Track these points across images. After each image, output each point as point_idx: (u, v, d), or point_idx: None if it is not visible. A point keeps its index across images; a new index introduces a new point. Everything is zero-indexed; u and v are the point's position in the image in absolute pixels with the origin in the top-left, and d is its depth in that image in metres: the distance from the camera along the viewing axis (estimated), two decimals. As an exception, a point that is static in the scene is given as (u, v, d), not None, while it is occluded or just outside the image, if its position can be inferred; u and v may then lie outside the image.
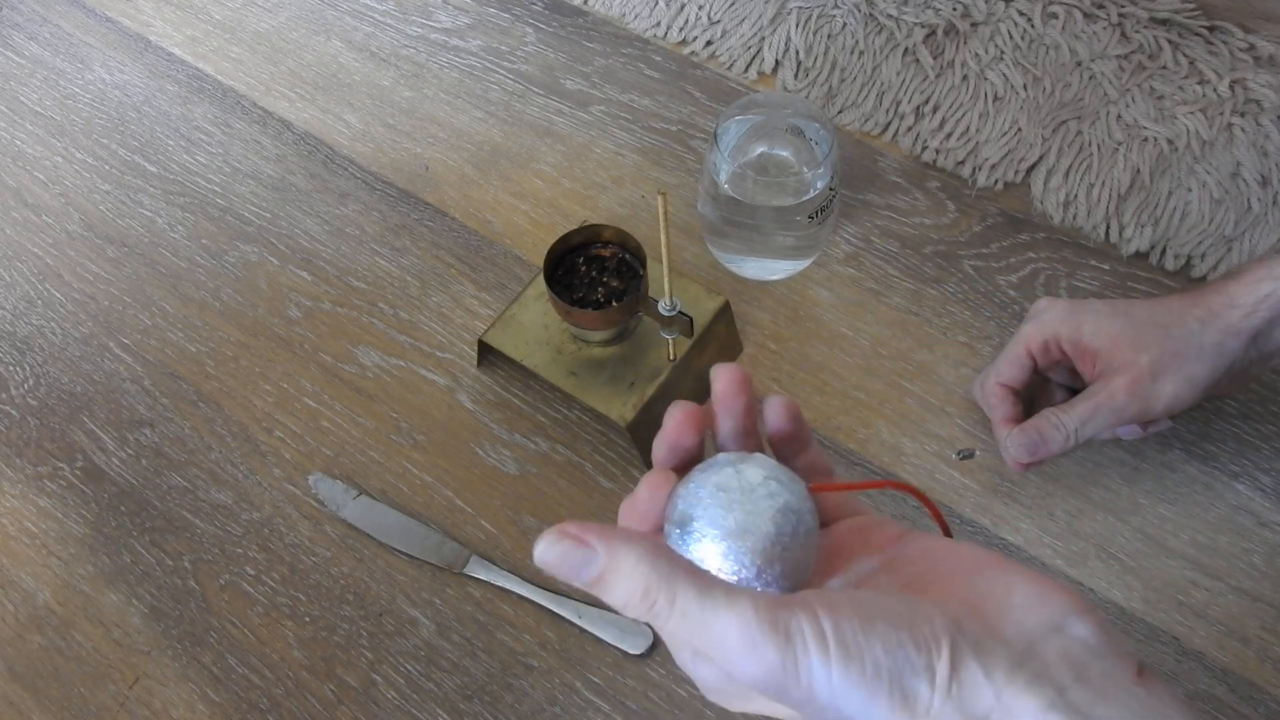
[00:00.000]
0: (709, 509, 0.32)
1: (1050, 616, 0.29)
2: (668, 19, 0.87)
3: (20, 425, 0.70)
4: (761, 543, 0.32)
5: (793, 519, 0.32)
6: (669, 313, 0.59)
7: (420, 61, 0.87)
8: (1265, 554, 0.59)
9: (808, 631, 0.28)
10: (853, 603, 0.29)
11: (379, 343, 0.71)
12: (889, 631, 0.28)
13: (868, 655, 0.28)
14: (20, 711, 0.59)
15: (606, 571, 0.30)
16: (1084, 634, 0.29)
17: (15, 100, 0.88)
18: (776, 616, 0.29)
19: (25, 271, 0.78)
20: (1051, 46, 0.81)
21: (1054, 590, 0.30)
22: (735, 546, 0.31)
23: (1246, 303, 0.53)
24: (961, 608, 0.30)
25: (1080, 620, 0.29)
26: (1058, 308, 0.58)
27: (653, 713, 0.57)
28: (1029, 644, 0.29)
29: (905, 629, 0.28)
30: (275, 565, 0.63)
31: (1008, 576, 0.31)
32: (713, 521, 0.32)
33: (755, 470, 0.33)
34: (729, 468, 0.33)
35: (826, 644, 0.28)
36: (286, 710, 0.58)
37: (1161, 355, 0.54)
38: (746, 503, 0.32)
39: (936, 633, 0.28)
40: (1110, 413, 0.55)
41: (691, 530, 0.32)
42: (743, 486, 0.32)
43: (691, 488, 0.33)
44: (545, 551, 0.30)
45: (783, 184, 0.65)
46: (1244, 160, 0.73)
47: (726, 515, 0.32)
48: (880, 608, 0.29)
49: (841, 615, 0.29)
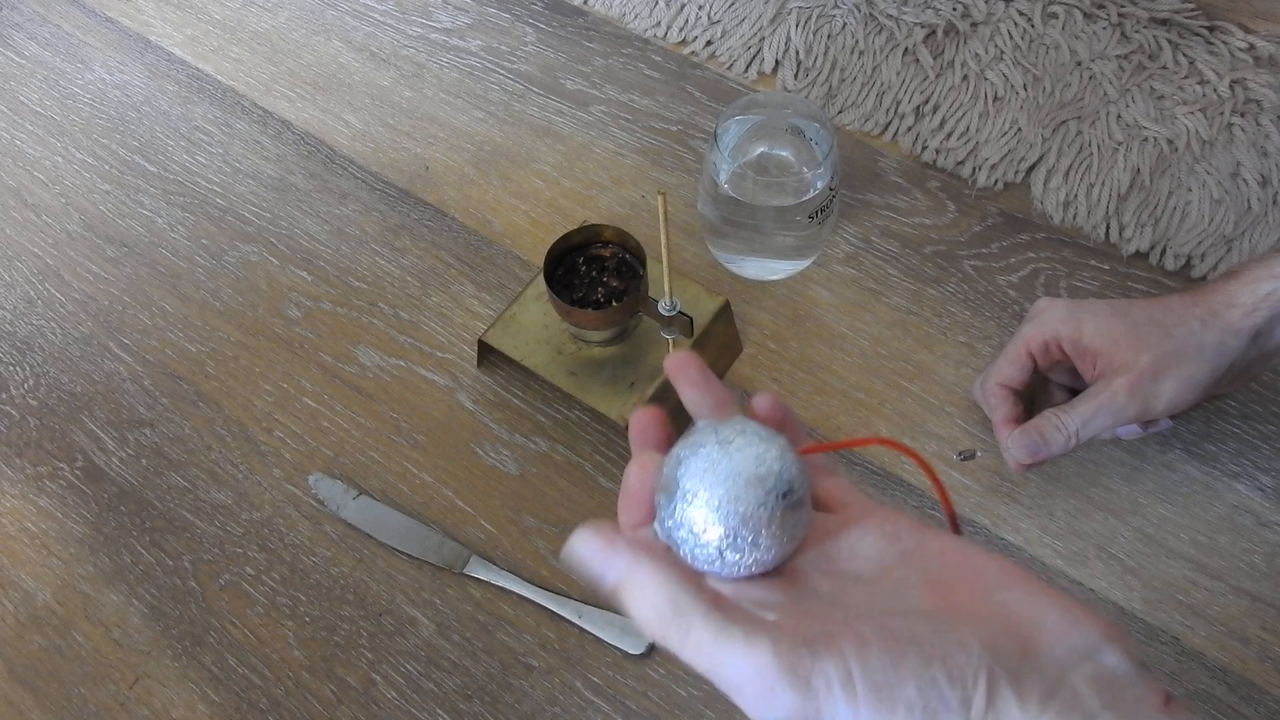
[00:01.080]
0: (692, 472, 0.32)
1: (1082, 643, 0.29)
2: (668, 19, 0.87)
3: (20, 425, 0.70)
4: (748, 500, 0.31)
5: (775, 469, 0.32)
6: (669, 313, 0.59)
7: (420, 61, 0.87)
8: (1265, 554, 0.59)
9: (833, 675, 0.27)
10: (882, 636, 0.28)
11: (379, 343, 0.71)
12: (922, 669, 0.27)
13: (899, 695, 0.27)
14: (20, 711, 0.59)
15: (624, 585, 0.30)
16: (1114, 662, 0.29)
17: (15, 100, 0.88)
18: (798, 659, 0.28)
19: (25, 271, 0.78)
20: (1051, 46, 0.81)
21: (1085, 616, 0.30)
22: (723, 506, 0.31)
23: (1247, 302, 0.53)
24: (996, 629, 0.29)
25: (1111, 648, 0.29)
26: (1058, 308, 0.57)
27: (653, 713, 0.57)
28: (1061, 672, 0.28)
29: (939, 661, 0.28)
30: (275, 565, 0.63)
31: (1037, 597, 0.30)
32: (697, 483, 0.31)
33: (731, 429, 0.33)
34: (709, 430, 0.33)
35: (854, 687, 0.27)
36: (286, 710, 0.58)
37: (1162, 355, 0.54)
38: (727, 460, 0.32)
39: (974, 664, 0.28)
40: (1111, 413, 0.55)
41: (676, 495, 0.32)
42: (721, 442, 0.32)
43: (674, 454, 0.33)
44: (575, 547, 0.31)
45: (783, 184, 0.65)
46: (1244, 160, 0.73)
47: (709, 475, 0.31)
48: (912, 638, 0.28)
49: (870, 653, 0.28)
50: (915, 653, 0.28)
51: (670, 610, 0.29)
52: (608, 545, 0.31)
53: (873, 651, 0.28)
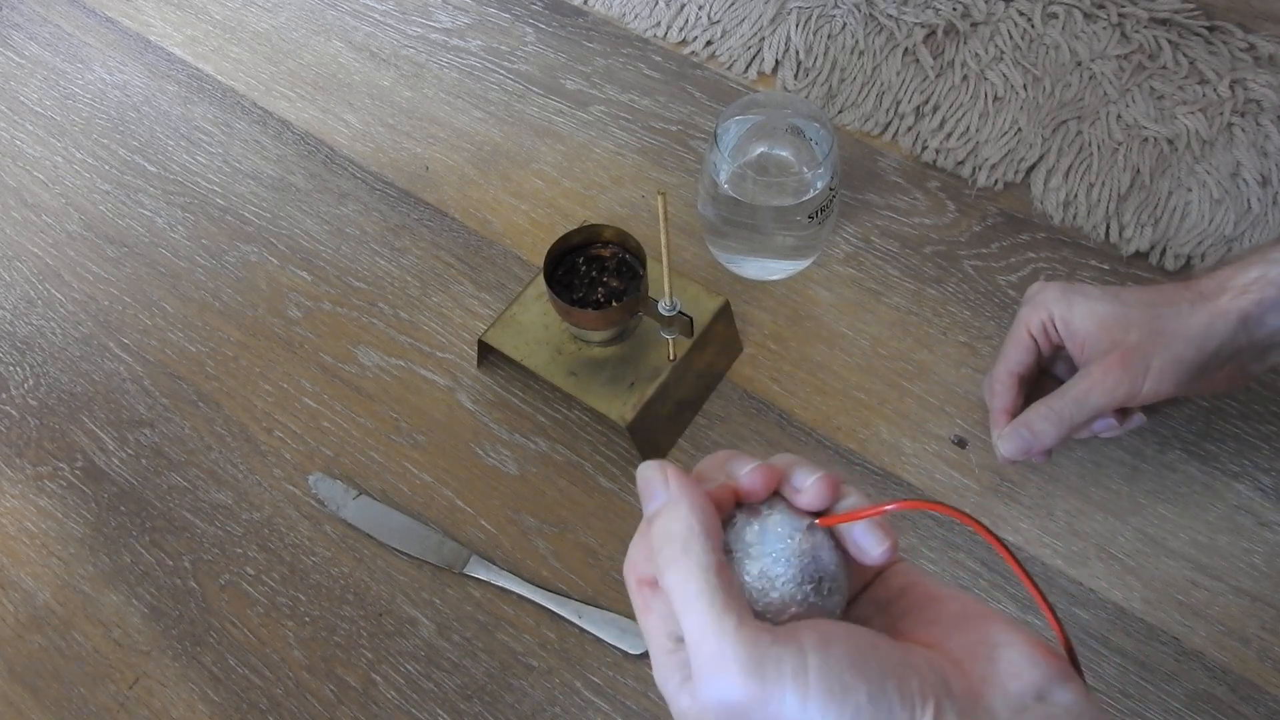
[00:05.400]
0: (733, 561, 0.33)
1: (1034, 682, 0.29)
2: (668, 19, 0.87)
3: (20, 425, 0.70)
4: (780, 593, 0.32)
5: (800, 562, 0.32)
6: (669, 313, 0.59)
7: (420, 61, 0.87)
8: (1265, 554, 0.59)
9: (787, 663, 0.28)
10: (847, 642, 0.29)
11: (379, 343, 0.71)
12: (878, 678, 0.28)
13: (850, 698, 0.28)
14: (20, 711, 0.59)
15: (659, 512, 0.32)
16: (1068, 700, 0.29)
17: (15, 100, 0.88)
18: (758, 640, 0.28)
19: (25, 271, 0.78)
20: (1051, 46, 0.81)
21: (1040, 653, 0.30)
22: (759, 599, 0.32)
23: (1235, 285, 0.53)
24: (948, 665, 0.30)
25: (1063, 687, 0.29)
26: (1051, 289, 0.57)
27: (653, 713, 0.57)
28: (1013, 711, 0.29)
29: (894, 676, 0.28)
30: (275, 565, 0.63)
31: (994, 635, 0.31)
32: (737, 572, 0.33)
33: (765, 523, 0.34)
34: (750, 523, 0.34)
35: (806, 678, 0.28)
36: (286, 710, 0.58)
37: (1149, 334, 0.53)
38: (763, 554, 0.33)
39: (925, 690, 0.28)
40: (1102, 393, 0.54)
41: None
42: (762, 537, 0.33)
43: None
44: (639, 471, 0.33)
45: (783, 184, 0.65)
46: (1244, 160, 0.73)
47: (750, 564, 0.33)
48: (875, 651, 0.29)
49: (831, 651, 0.28)
50: (875, 662, 0.28)
51: (680, 548, 0.31)
52: (663, 477, 0.32)
53: (834, 651, 0.28)
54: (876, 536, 0.33)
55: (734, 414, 0.66)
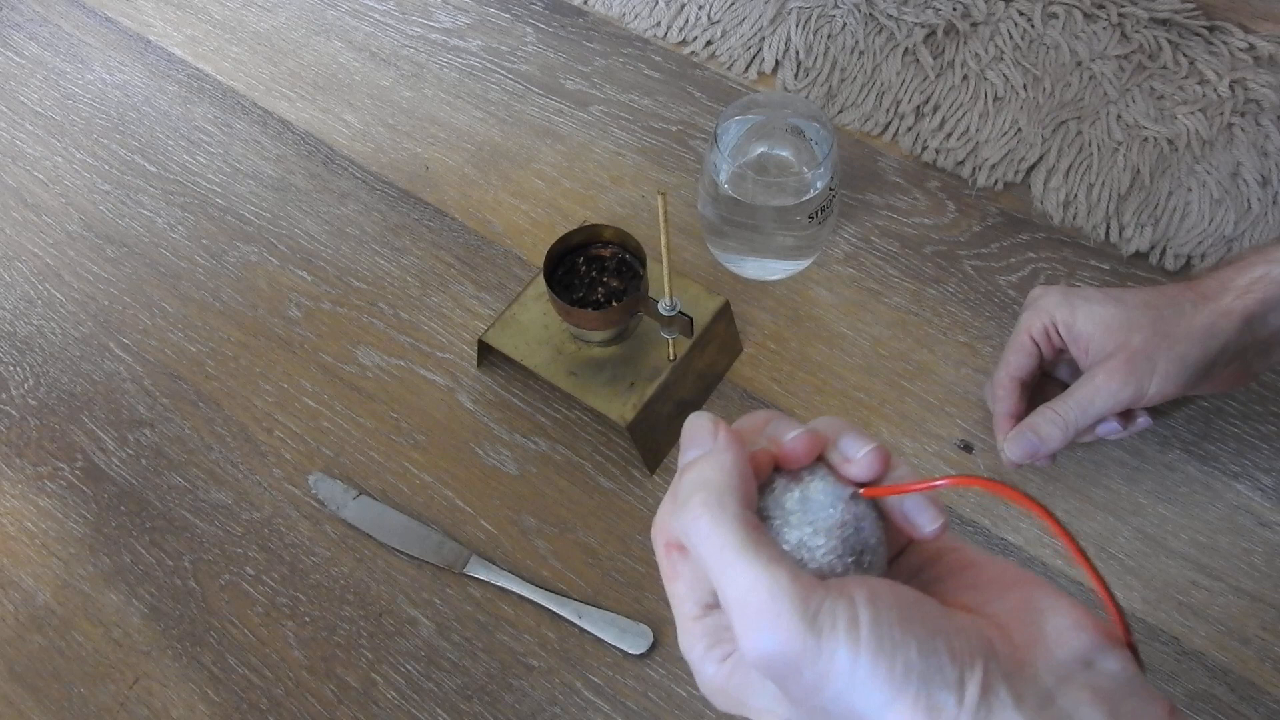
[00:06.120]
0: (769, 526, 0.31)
1: (1081, 648, 0.29)
2: (668, 19, 0.87)
3: (20, 425, 0.70)
4: (819, 565, 0.31)
5: (842, 534, 0.31)
6: (669, 313, 0.59)
7: (420, 61, 0.87)
8: (1265, 554, 0.59)
9: (841, 616, 0.27)
10: (895, 597, 0.28)
11: (379, 343, 0.71)
12: (927, 636, 0.27)
13: (901, 654, 0.27)
14: (20, 711, 0.59)
15: (696, 462, 0.31)
16: (1114, 669, 0.29)
17: (15, 100, 0.88)
18: (811, 592, 0.27)
19: (25, 271, 0.78)
20: (1051, 46, 0.81)
21: (1086, 620, 0.29)
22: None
23: (1238, 284, 0.53)
24: (994, 629, 0.29)
25: (1111, 654, 0.29)
26: (1053, 293, 0.57)
27: (653, 713, 0.57)
28: (1060, 678, 0.28)
29: (944, 635, 0.28)
30: (275, 565, 0.63)
31: (1038, 600, 0.30)
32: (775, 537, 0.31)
33: (807, 490, 0.32)
34: (790, 489, 0.32)
35: (858, 633, 0.27)
36: (286, 710, 0.58)
37: (1153, 335, 0.53)
38: (804, 523, 0.31)
39: (972, 650, 0.28)
40: (1108, 395, 0.54)
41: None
42: (804, 505, 0.32)
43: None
44: (688, 419, 0.32)
45: (783, 184, 0.65)
46: (1244, 160, 0.73)
47: (789, 533, 0.31)
48: (922, 608, 0.28)
49: (882, 606, 0.28)
50: (923, 620, 0.28)
51: (715, 501, 0.29)
52: (714, 429, 0.31)
53: (884, 605, 0.28)
54: (931, 513, 0.32)
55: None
